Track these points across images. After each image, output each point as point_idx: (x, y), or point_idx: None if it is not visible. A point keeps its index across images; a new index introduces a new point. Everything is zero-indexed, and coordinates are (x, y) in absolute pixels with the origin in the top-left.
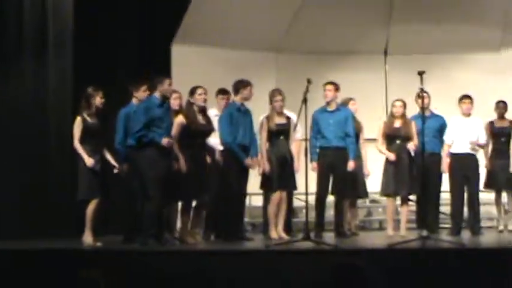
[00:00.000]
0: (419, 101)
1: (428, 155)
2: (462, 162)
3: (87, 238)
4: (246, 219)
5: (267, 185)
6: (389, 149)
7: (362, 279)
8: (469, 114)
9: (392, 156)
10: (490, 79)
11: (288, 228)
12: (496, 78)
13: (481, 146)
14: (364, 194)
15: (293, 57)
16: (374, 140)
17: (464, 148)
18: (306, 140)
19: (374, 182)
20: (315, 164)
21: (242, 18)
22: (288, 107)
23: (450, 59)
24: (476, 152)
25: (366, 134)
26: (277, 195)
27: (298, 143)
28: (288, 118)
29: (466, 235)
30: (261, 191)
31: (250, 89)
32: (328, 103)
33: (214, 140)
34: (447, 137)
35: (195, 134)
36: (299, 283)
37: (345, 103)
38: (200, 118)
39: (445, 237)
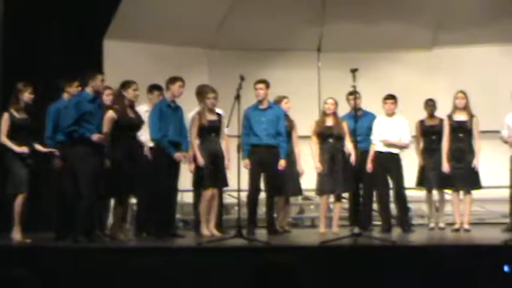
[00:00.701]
0: (351, 98)
1: (361, 153)
2: (384, 160)
3: (16, 235)
4: (178, 216)
5: (199, 182)
6: (322, 147)
7: (292, 277)
8: (392, 114)
9: (319, 168)
10: (422, 77)
11: (220, 225)
12: (427, 76)
13: (404, 146)
14: (298, 191)
15: (226, 53)
16: (307, 137)
17: (387, 147)
18: (238, 136)
19: (307, 180)
20: (247, 161)
21: (175, 14)
22: (220, 103)
23: (383, 57)
24: (401, 151)
25: (299, 131)
26: (209, 192)
27: (227, 140)
28: (219, 115)
29: (397, 232)
30: (192, 188)
31: (180, 85)
32: (260, 101)
33: (145, 137)
34: (373, 136)
35: (126, 127)
36: (231, 280)
37: (278, 101)
38: (130, 112)
39: (376, 235)
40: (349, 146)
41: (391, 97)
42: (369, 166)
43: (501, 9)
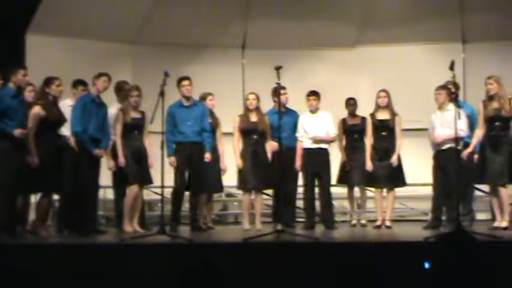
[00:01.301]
0: (276, 96)
1: (285, 149)
2: (312, 157)
3: None
4: (100, 213)
5: (122, 178)
6: (245, 143)
7: (216, 273)
8: (316, 110)
9: (240, 165)
10: (345, 75)
11: (142, 222)
12: (351, 74)
13: (332, 140)
14: (220, 188)
15: (150, 49)
16: (232, 134)
17: (314, 143)
18: (162, 133)
19: (231, 176)
20: (172, 159)
21: (99, 8)
22: (144, 99)
23: (307, 54)
24: (329, 146)
25: (223, 128)
26: (134, 189)
27: (150, 137)
28: (143, 113)
29: (320, 229)
30: (113, 185)
31: (104, 80)
32: (185, 98)
33: (67, 131)
34: (299, 133)
35: (51, 124)
36: (154, 277)
37: (203, 98)
38: (54, 108)
39: (299, 231)
40: (270, 143)
41: (313, 93)
42: (298, 164)
43: (424, 9)
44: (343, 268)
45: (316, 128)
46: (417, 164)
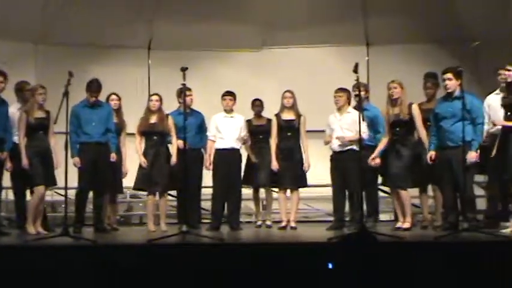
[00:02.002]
0: (181, 97)
1: (189, 150)
2: (225, 157)
3: None
4: (2, 214)
5: (25, 180)
6: (146, 145)
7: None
8: (231, 111)
9: (144, 163)
10: (251, 77)
11: (45, 223)
12: (257, 76)
13: (245, 142)
14: (120, 190)
15: (54, 49)
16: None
17: (227, 144)
18: (66, 133)
19: (133, 178)
20: (77, 159)
21: (2, 6)
22: (48, 99)
23: (213, 55)
24: (240, 147)
25: (129, 129)
26: (41, 190)
27: (55, 137)
28: (48, 112)
29: (225, 230)
30: (12, 186)
31: (0, 80)
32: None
33: None
34: (210, 133)
35: None
36: (57, 278)
37: (108, 99)
38: None
39: (204, 232)
40: (175, 143)
41: (229, 94)
42: (208, 164)
43: (329, 12)
44: (248, 269)
45: (230, 128)
46: (321, 165)
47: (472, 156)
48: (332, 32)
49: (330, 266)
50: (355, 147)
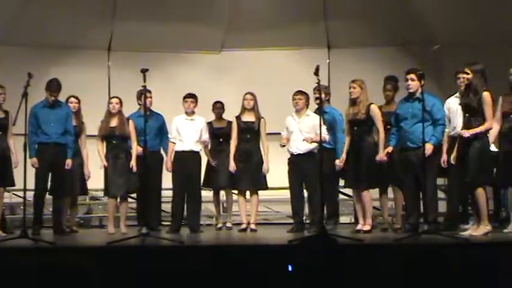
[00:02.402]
0: (141, 99)
1: (148, 153)
2: (185, 160)
3: None
4: None
5: None
6: (107, 148)
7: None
8: (192, 113)
9: (103, 163)
10: (212, 78)
11: (3, 225)
12: (217, 77)
13: (206, 145)
14: (84, 191)
15: (14, 49)
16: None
17: (187, 146)
18: (24, 135)
19: (94, 180)
20: (34, 160)
21: None
22: (8, 100)
23: (174, 57)
24: (200, 150)
25: (89, 131)
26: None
27: (14, 138)
28: (7, 112)
29: (185, 232)
30: None
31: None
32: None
33: None
34: (171, 135)
35: None
36: (15, 281)
37: (68, 100)
38: None
39: (164, 234)
40: (135, 149)
41: (191, 96)
42: (169, 166)
43: (290, 14)
44: (208, 271)
45: (190, 131)
46: (281, 168)
47: (429, 148)
48: (293, 35)
49: (290, 268)
50: (314, 149)
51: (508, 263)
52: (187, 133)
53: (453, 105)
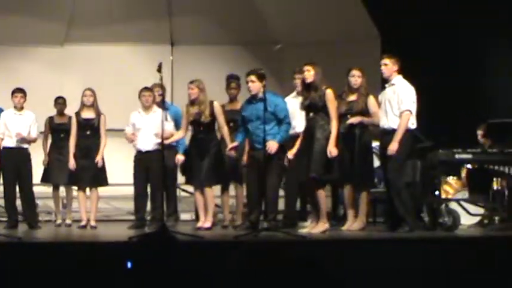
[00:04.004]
0: None
1: None
2: (13, 156)
3: None
4: None
5: None
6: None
7: None
8: (21, 108)
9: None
10: (53, 73)
11: None
12: (60, 72)
13: (33, 141)
14: None
15: None
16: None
17: (15, 142)
18: None
19: None
20: None
21: None
22: None
23: (14, 51)
24: (28, 145)
25: None
26: None
27: None
28: None
29: (23, 228)
30: None
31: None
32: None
33: None
34: (0, 131)
35: None
36: None
37: None
38: None
39: (1, 231)
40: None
41: (19, 91)
42: None
43: (134, 10)
44: (46, 269)
45: (19, 126)
46: (122, 164)
47: (273, 144)
48: (137, 30)
49: (129, 265)
50: (159, 147)
51: (344, 260)
52: (16, 128)
53: (291, 106)
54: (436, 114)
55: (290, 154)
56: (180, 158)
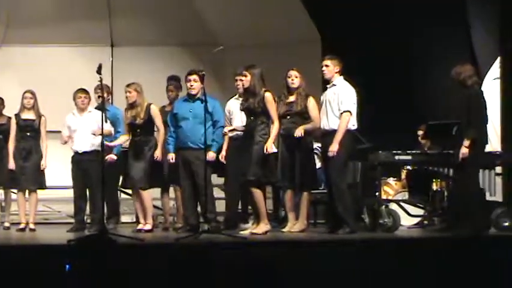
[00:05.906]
0: None
1: None
2: None
3: None
4: None
5: None
6: None
7: None
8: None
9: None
10: None
11: None
12: None
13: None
14: None
15: None
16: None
17: None
18: None
19: None
20: None
21: None
22: None
23: None
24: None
25: None
26: None
27: None
28: None
29: None
30: None
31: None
32: None
33: None
34: None
35: None
36: None
37: None
38: None
39: None
40: None
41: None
42: None
43: (73, 10)
44: None
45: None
46: (62, 166)
47: (211, 156)
48: (76, 32)
49: (68, 267)
50: (97, 148)
51: (285, 262)
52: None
53: (233, 107)
54: (376, 115)
55: (221, 157)
56: (113, 157)
